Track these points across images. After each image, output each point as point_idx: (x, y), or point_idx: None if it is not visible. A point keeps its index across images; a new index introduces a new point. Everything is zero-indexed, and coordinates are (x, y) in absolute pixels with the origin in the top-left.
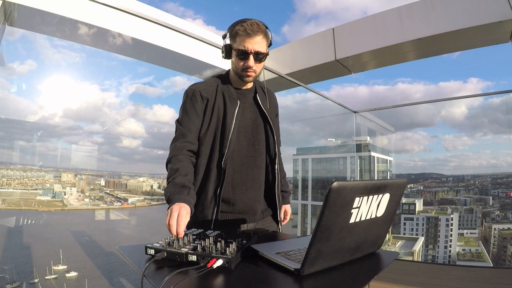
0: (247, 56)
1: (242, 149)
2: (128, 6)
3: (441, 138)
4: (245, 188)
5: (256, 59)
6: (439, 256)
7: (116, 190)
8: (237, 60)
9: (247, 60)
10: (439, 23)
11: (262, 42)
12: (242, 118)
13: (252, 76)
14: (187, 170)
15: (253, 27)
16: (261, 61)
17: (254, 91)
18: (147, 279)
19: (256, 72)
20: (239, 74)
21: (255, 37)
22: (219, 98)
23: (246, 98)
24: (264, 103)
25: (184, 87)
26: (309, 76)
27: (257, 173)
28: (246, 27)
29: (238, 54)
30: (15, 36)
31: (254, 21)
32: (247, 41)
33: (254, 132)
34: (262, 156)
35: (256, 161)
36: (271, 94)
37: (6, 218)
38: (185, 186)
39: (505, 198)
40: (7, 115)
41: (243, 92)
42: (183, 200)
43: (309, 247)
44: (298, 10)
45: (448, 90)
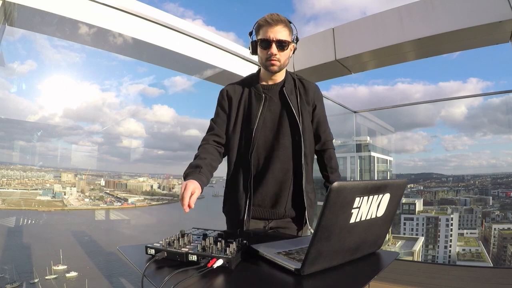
0: (269, 44)
1: (268, 142)
2: (128, 6)
3: (441, 138)
4: (266, 181)
5: (278, 47)
6: (439, 256)
7: (116, 190)
8: (261, 50)
9: (270, 48)
10: (439, 23)
11: (283, 31)
12: (268, 112)
13: (276, 65)
14: (206, 155)
15: (273, 16)
16: (284, 49)
17: (282, 85)
18: (148, 279)
19: (281, 61)
20: (264, 65)
21: (275, 26)
22: (245, 95)
23: (273, 93)
24: (292, 96)
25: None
26: (309, 76)
27: (279, 167)
28: (267, 17)
29: (261, 43)
30: (15, 36)
31: (274, 13)
32: (269, 30)
33: (279, 125)
34: (287, 150)
35: (279, 155)
36: (307, 85)
37: (6, 218)
38: (198, 166)
39: (505, 198)
40: (7, 115)
41: (270, 87)
42: (192, 177)
43: (309, 247)
44: (297, 10)
45: (448, 90)
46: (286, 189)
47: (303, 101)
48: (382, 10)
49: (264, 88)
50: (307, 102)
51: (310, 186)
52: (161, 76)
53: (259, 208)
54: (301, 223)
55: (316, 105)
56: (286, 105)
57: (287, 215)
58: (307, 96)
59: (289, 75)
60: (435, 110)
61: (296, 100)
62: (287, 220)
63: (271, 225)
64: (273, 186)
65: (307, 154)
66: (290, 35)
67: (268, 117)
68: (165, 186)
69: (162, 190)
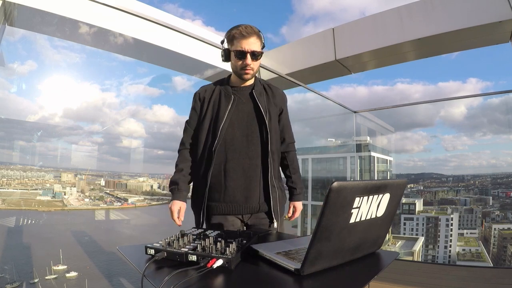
0: (245, 55)
1: (236, 139)
2: (128, 6)
3: (441, 138)
4: (236, 176)
5: (252, 57)
6: (439, 256)
7: (116, 190)
8: (236, 60)
9: (245, 59)
10: (439, 23)
11: (256, 42)
12: (237, 111)
13: (250, 74)
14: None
15: (247, 29)
16: (257, 59)
17: (252, 87)
18: (147, 279)
19: (254, 70)
20: (238, 73)
21: (250, 38)
22: (215, 95)
23: (242, 94)
24: (261, 97)
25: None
26: (309, 76)
27: (248, 163)
28: (242, 30)
29: (237, 55)
30: (16, 36)
31: (247, 25)
32: (243, 42)
33: (249, 124)
34: (256, 147)
35: (248, 152)
36: (275, 91)
37: (6, 218)
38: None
39: (505, 198)
40: (7, 115)
41: (239, 89)
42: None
43: (309, 247)
44: (297, 11)
45: (447, 90)
46: (257, 184)
47: (270, 103)
48: (381, 11)
49: (234, 89)
50: (275, 104)
51: (278, 181)
52: (161, 76)
53: (231, 204)
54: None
55: (283, 109)
56: (255, 105)
57: (261, 209)
58: (275, 100)
59: (258, 80)
60: (434, 110)
61: (264, 101)
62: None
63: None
64: (243, 181)
65: (273, 151)
66: (261, 45)
67: (237, 116)
68: (165, 186)
69: (162, 190)
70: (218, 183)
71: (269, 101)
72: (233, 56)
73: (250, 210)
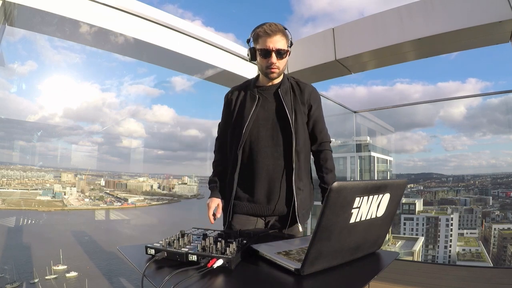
0: (270, 54)
1: (261, 139)
2: (128, 6)
3: (440, 138)
4: (260, 177)
5: (278, 56)
6: (439, 256)
7: (116, 190)
8: (261, 59)
9: (270, 58)
10: (439, 23)
11: (281, 40)
12: (262, 111)
13: (276, 72)
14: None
15: (272, 27)
16: (282, 58)
17: (278, 86)
18: (148, 279)
19: (280, 68)
20: (264, 72)
21: (274, 36)
22: (242, 95)
23: (268, 94)
24: (287, 96)
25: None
26: (309, 76)
27: (272, 163)
28: (266, 28)
29: (262, 53)
30: (16, 37)
31: (272, 23)
32: (268, 41)
33: (274, 124)
34: (280, 148)
35: (274, 152)
36: (303, 87)
37: (6, 218)
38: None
39: (505, 198)
40: (7, 115)
41: (266, 88)
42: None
43: (309, 247)
44: (295, 11)
45: (447, 90)
46: (280, 185)
47: (297, 101)
48: (380, 11)
49: (259, 89)
50: (302, 102)
51: (303, 183)
52: (161, 76)
53: (255, 205)
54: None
55: (312, 105)
56: (280, 104)
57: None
58: (302, 97)
59: (286, 78)
60: (434, 110)
61: (290, 100)
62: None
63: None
64: (266, 182)
65: (299, 151)
66: (287, 43)
67: (262, 115)
68: (165, 186)
69: (162, 190)
70: (245, 183)
71: (296, 99)
72: (258, 55)
73: (273, 211)
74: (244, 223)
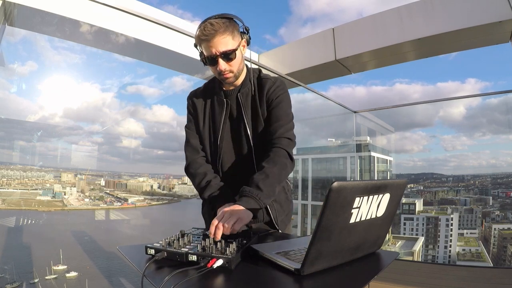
0: (215, 60)
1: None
2: (128, 6)
3: (440, 138)
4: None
5: (225, 59)
6: (439, 256)
7: (116, 190)
8: (210, 67)
9: (218, 65)
10: (439, 23)
11: (224, 39)
12: (228, 120)
13: (230, 77)
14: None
15: (207, 29)
16: (232, 59)
17: (239, 89)
18: (147, 279)
19: (233, 71)
20: (220, 79)
21: (213, 39)
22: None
23: (232, 98)
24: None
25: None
26: (309, 76)
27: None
28: (200, 33)
29: (208, 61)
30: (16, 37)
31: (209, 21)
32: (209, 46)
33: (239, 134)
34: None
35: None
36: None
37: (6, 218)
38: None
39: (505, 198)
40: (7, 115)
41: (230, 92)
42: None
43: (309, 247)
44: (294, 12)
45: (446, 90)
46: None
47: (257, 103)
48: (378, 12)
49: (225, 94)
50: (262, 101)
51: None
52: (161, 76)
53: None
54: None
55: (272, 100)
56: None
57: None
58: (262, 95)
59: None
60: (433, 110)
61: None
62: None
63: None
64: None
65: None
66: (235, 37)
67: (228, 125)
68: (165, 186)
69: (162, 190)
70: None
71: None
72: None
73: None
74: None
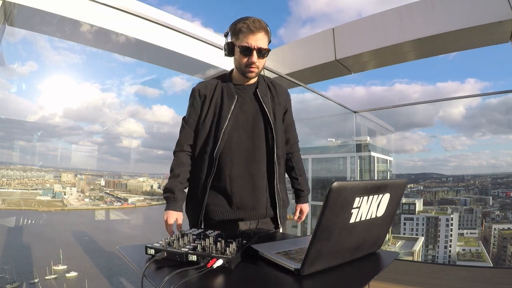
0: (251, 52)
1: (242, 143)
2: (128, 6)
3: (440, 138)
4: (243, 182)
5: (259, 55)
6: (439, 256)
7: (116, 190)
8: (240, 57)
9: (251, 56)
10: (439, 23)
11: (263, 38)
12: (241, 112)
13: (254, 72)
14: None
15: (255, 24)
16: (263, 57)
17: (255, 86)
18: (147, 279)
19: (259, 68)
20: (242, 71)
21: (257, 34)
22: (217, 93)
23: (246, 94)
24: (266, 97)
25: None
26: (309, 76)
27: (256, 167)
28: (249, 24)
29: (242, 51)
30: (16, 38)
31: (255, 19)
32: (250, 38)
33: (254, 126)
34: (262, 151)
35: (255, 155)
36: (279, 89)
37: (6, 218)
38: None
39: (505, 198)
40: (7, 115)
41: (243, 87)
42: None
43: (309, 247)
44: (293, 13)
45: (446, 90)
46: (263, 189)
47: (275, 102)
48: (378, 12)
49: (237, 88)
50: (279, 104)
51: (282, 186)
52: (161, 76)
53: (239, 211)
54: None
55: (287, 108)
56: (260, 106)
57: (268, 215)
58: (279, 99)
59: (261, 78)
60: (433, 111)
61: (269, 102)
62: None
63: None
64: (250, 187)
65: (279, 155)
66: (267, 41)
67: (241, 117)
68: None
69: (162, 190)
70: (222, 189)
71: (274, 100)
72: (238, 52)
73: (257, 216)
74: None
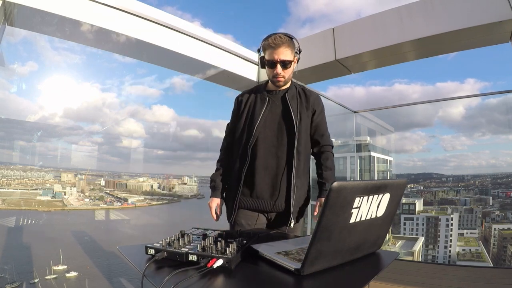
0: (275, 65)
1: (267, 139)
2: (128, 6)
3: (440, 138)
4: (264, 174)
5: (282, 66)
6: (439, 256)
7: (116, 190)
8: (268, 69)
9: (275, 69)
10: (439, 23)
11: (286, 51)
12: (270, 113)
13: (281, 81)
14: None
15: (276, 40)
16: (287, 68)
17: (285, 91)
18: (148, 279)
19: (285, 77)
20: (271, 80)
21: (278, 49)
22: (252, 98)
23: (276, 98)
24: (293, 101)
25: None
26: (309, 76)
27: (276, 162)
28: (271, 41)
29: (268, 64)
30: (17, 38)
31: (277, 35)
32: (273, 53)
33: (280, 125)
34: (284, 147)
35: (278, 151)
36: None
37: (6, 218)
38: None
39: (505, 198)
40: (7, 115)
41: (274, 93)
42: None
43: (309, 247)
44: (293, 13)
45: (445, 90)
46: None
47: (303, 105)
48: (379, 11)
49: (268, 93)
50: (307, 107)
51: (300, 182)
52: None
53: (258, 201)
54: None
55: (316, 110)
56: (286, 107)
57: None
58: (308, 103)
59: (294, 84)
60: (433, 111)
61: (296, 104)
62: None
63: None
64: (270, 179)
65: (300, 151)
66: (293, 52)
67: (270, 117)
68: (165, 186)
69: (162, 190)
70: (250, 179)
71: (301, 104)
72: (266, 65)
73: (273, 207)
74: (248, 217)
